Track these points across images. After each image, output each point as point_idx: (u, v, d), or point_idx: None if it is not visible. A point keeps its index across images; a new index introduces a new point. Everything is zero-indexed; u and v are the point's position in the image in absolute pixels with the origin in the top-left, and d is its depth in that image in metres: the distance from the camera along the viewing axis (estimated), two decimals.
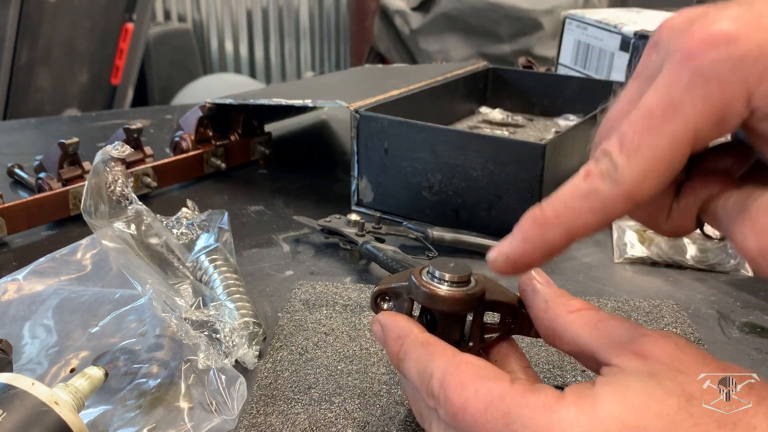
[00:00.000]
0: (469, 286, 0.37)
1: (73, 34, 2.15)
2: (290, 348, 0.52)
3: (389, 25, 2.51)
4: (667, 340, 0.30)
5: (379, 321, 0.38)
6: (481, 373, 0.31)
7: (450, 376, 0.31)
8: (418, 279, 0.37)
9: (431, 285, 0.36)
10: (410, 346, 0.35)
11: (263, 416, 0.44)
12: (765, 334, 0.56)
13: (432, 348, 0.34)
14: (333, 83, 1.13)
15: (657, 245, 0.66)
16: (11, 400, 0.35)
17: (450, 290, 0.36)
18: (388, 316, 0.37)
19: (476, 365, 0.32)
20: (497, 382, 0.30)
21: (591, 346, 0.32)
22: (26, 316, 0.51)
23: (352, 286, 0.61)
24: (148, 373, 0.46)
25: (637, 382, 0.28)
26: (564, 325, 0.34)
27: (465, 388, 0.30)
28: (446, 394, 0.31)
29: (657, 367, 0.29)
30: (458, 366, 0.32)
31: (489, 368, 0.31)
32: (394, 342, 0.36)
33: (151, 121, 1.12)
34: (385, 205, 0.75)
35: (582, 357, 0.33)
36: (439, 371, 0.32)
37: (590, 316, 0.33)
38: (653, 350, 0.29)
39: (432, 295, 0.36)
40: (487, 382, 0.30)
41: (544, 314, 0.35)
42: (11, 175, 0.85)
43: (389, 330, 0.36)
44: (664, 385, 0.28)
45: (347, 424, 0.44)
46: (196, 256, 0.58)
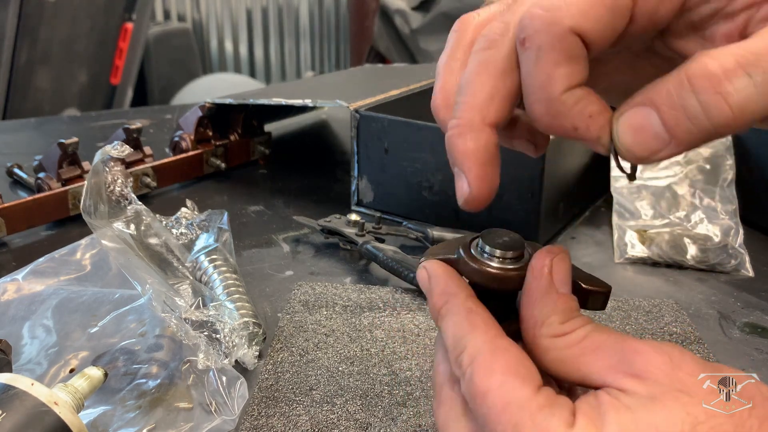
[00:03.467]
0: (522, 262, 0.34)
1: (73, 33, 2.15)
2: (291, 349, 0.51)
3: (389, 25, 2.51)
4: (661, 356, 0.28)
5: (427, 269, 0.35)
6: (512, 368, 0.30)
7: (482, 357, 0.30)
8: (467, 254, 0.34)
9: (481, 261, 0.34)
10: (454, 307, 0.33)
11: (265, 418, 0.44)
12: (766, 335, 0.55)
13: (474, 319, 0.32)
14: (333, 83, 1.13)
15: (657, 245, 0.66)
16: (11, 401, 0.35)
17: (502, 268, 0.33)
18: (438, 266, 0.35)
19: (512, 356, 0.30)
20: (524, 385, 0.29)
21: (578, 371, 0.30)
22: (26, 317, 0.51)
23: (351, 286, 0.61)
24: (147, 373, 0.46)
25: (642, 409, 0.27)
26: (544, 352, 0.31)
27: (492, 376, 0.29)
28: (473, 374, 0.30)
29: (657, 389, 0.28)
30: (494, 351, 0.30)
31: (522, 364, 0.30)
32: (438, 297, 0.34)
33: (150, 121, 1.12)
34: (385, 205, 0.75)
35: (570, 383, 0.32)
36: (473, 347, 0.31)
37: (571, 339, 0.31)
38: (649, 370, 0.28)
39: (482, 272, 0.34)
40: (515, 380, 0.29)
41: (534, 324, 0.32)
42: (11, 175, 0.85)
43: (436, 282, 0.35)
44: (667, 409, 0.27)
45: (349, 426, 0.43)
46: (196, 256, 0.58)
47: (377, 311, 0.57)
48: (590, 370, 0.30)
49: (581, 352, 0.30)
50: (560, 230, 0.72)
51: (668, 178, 0.71)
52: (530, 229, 0.66)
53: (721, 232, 0.66)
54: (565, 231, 0.73)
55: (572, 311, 0.32)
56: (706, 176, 0.71)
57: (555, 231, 0.72)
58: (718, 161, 0.72)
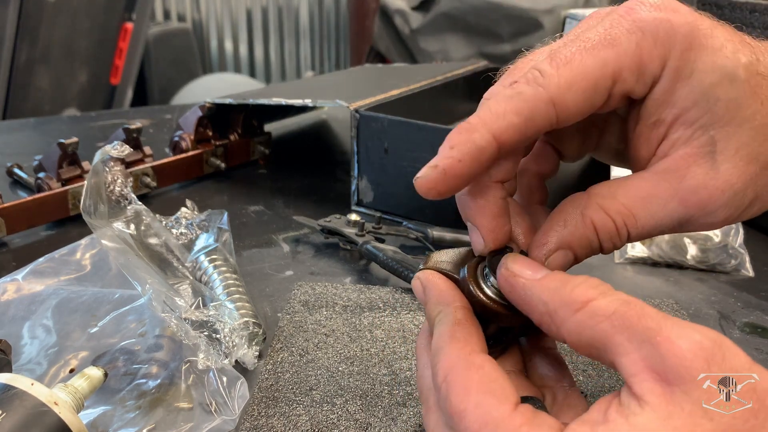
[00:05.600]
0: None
1: (73, 33, 2.15)
2: (291, 349, 0.51)
3: (389, 25, 2.51)
4: (699, 357, 0.26)
5: (421, 280, 0.36)
6: (488, 387, 0.29)
7: (456, 373, 0.30)
8: (472, 277, 0.34)
9: (485, 292, 0.33)
10: (445, 317, 0.33)
11: (265, 418, 0.44)
12: (766, 334, 0.55)
13: (457, 332, 0.32)
14: (333, 83, 1.13)
15: (658, 245, 0.66)
16: (11, 401, 0.35)
17: (502, 304, 0.33)
18: (433, 276, 0.35)
19: (486, 374, 0.30)
20: (500, 404, 0.28)
21: (609, 354, 0.28)
22: (25, 317, 0.51)
23: (351, 286, 0.61)
24: (147, 373, 0.46)
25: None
26: (574, 331, 0.29)
27: (468, 395, 0.29)
28: (448, 391, 0.30)
29: (679, 408, 0.26)
30: (468, 367, 0.30)
31: (497, 382, 0.29)
32: (434, 306, 0.34)
33: (150, 121, 1.12)
34: (385, 205, 0.75)
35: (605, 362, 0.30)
36: (447, 361, 0.31)
37: (602, 308, 0.28)
38: (680, 373, 0.26)
39: (483, 304, 0.33)
40: (491, 399, 0.29)
41: (550, 321, 0.30)
42: (10, 175, 0.85)
43: (431, 292, 0.35)
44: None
45: (349, 426, 0.43)
46: (196, 256, 0.58)
47: (377, 311, 0.57)
48: (621, 360, 0.27)
49: (612, 330, 0.28)
50: None
51: None
52: None
53: (721, 232, 0.66)
54: None
55: (574, 281, 0.30)
56: None
57: None
58: None
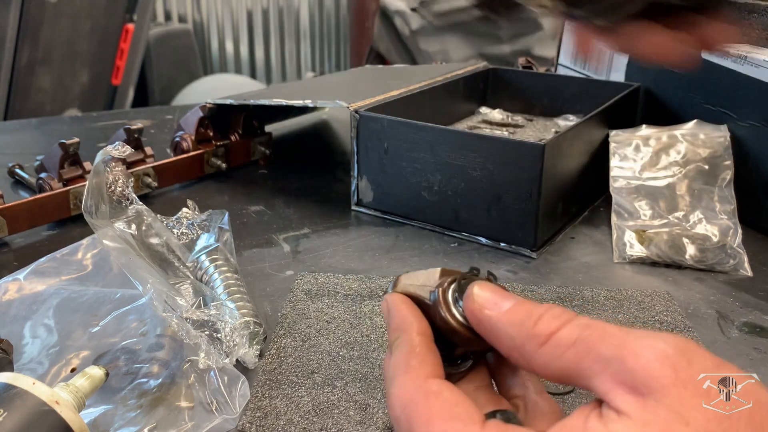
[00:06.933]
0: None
1: (74, 34, 2.15)
2: (293, 335, 0.53)
3: (389, 26, 2.51)
4: (664, 365, 0.26)
5: (388, 302, 0.36)
6: (452, 412, 0.29)
7: (415, 403, 0.29)
8: (444, 306, 0.34)
9: (456, 319, 0.33)
10: (402, 343, 0.33)
11: (268, 399, 0.46)
12: (764, 334, 0.56)
13: (411, 360, 0.32)
14: (333, 83, 1.13)
15: (656, 245, 0.66)
16: (12, 400, 0.35)
17: (468, 327, 0.33)
18: (398, 300, 0.36)
19: (445, 399, 0.29)
20: (467, 426, 0.28)
21: (581, 379, 0.29)
22: (27, 316, 0.51)
23: (353, 276, 0.62)
24: (148, 372, 0.46)
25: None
26: (543, 364, 0.30)
27: (431, 424, 0.28)
28: (410, 424, 0.29)
29: (654, 414, 0.26)
30: (427, 396, 0.29)
31: (460, 405, 0.29)
32: (393, 331, 0.35)
33: (151, 122, 1.12)
34: (385, 205, 0.76)
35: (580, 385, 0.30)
36: (400, 389, 0.30)
37: (565, 337, 0.29)
38: (650, 383, 0.26)
39: (455, 332, 0.33)
40: (456, 423, 0.28)
41: (519, 355, 0.30)
42: (12, 175, 0.85)
43: (392, 316, 0.35)
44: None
45: (349, 406, 0.45)
46: (197, 256, 0.58)
47: (377, 300, 0.58)
48: (592, 382, 0.28)
49: (577, 357, 0.28)
50: (559, 230, 0.73)
51: (667, 179, 0.72)
52: (529, 230, 0.66)
53: (719, 232, 0.66)
54: (563, 231, 0.73)
55: (537, 312, 0.30)
56: (705, 176, 0.71)
57: (554, 231, 0.72)
58: (717, 161, 0.72)
